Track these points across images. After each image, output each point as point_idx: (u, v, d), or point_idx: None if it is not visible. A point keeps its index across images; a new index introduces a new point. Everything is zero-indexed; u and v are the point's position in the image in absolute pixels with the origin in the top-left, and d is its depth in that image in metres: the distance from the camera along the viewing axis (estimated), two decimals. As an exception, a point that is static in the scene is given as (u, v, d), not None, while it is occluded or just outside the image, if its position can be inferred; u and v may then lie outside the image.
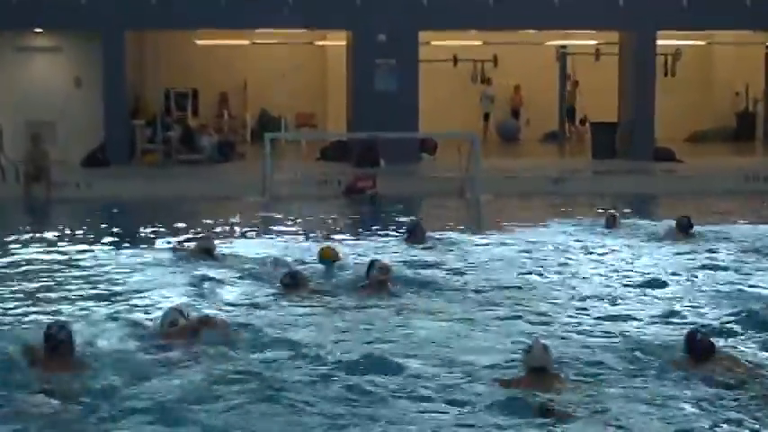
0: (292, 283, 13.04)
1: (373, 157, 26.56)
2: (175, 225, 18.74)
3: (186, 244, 16.10)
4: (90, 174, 25.50)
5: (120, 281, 13.88)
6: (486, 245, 16.90)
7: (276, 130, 30.46)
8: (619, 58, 30.36)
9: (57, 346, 9.55)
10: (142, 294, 12.96)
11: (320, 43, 34.89)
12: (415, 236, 16.85)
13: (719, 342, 10.10)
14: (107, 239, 17.30)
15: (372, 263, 13.28)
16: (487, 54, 34.88)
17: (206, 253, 15.10)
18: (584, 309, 12.34)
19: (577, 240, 17.08)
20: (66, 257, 15.61)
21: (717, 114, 36.03)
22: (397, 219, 19.30)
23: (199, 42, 33.61)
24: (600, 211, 19.72)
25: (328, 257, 14.36)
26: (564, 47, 34.53)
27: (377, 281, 12.93)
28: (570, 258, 15.61)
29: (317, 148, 29.91)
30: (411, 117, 27.64)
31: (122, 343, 10.57)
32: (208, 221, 19.44)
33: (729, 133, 35.83)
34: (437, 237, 17.21)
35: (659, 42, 29.55)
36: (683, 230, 17.13)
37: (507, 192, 23.87)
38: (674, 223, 17.38)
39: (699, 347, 9.64)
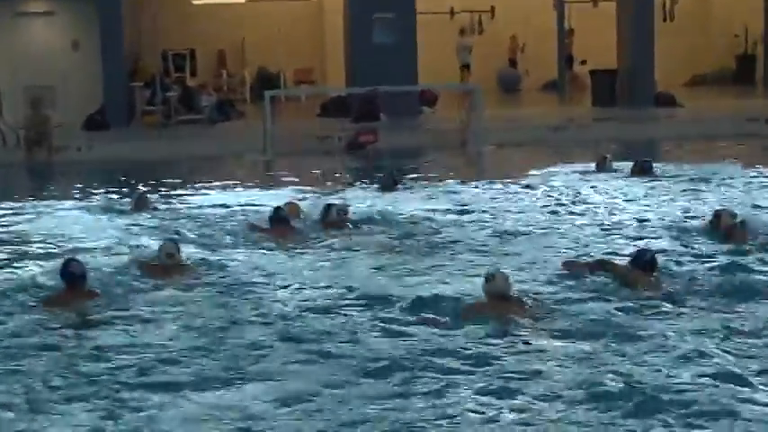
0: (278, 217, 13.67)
1: (374, 111, 26.51)
2: (176, 184, 18.85)
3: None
4: (90, 137, 25.50)
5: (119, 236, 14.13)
6: (463, 192, 17.24)
7: (275, 88, 30.43)
8: (616, 3, 30.24)
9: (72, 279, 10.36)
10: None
11: (317, -1, 34.84)
12: (383, 184, 17.41)
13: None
14: (108, 198, 17.42)
15: (330, 205, 14.16)
16: (485, 5, 34.80)
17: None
18: (560, 245, 12.81)
19: (565, 183, 17.54)
20: (69, 217, 15.83)
21: (716, 57, 35.93)
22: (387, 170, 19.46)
23: (195, 2, 33.51)
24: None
25: (292, 213, 14.41)
26: (561, -6, 34.37)
27: (334, 221, 13.75)
28: (553, 200, 16.08)
29: (317, 104, 29.89)
30: (410, 70, 27.56)
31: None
32: (208, 180, 19.48)
33: (729, 76, 35.75)
34: (415, 185, 17.75)
35: (657, -13, 29.47)
36: (640, 170, 17.92)
37: (508, 142, 23.84)
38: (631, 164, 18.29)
39: (642, 259, 10.57)
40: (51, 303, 10.27)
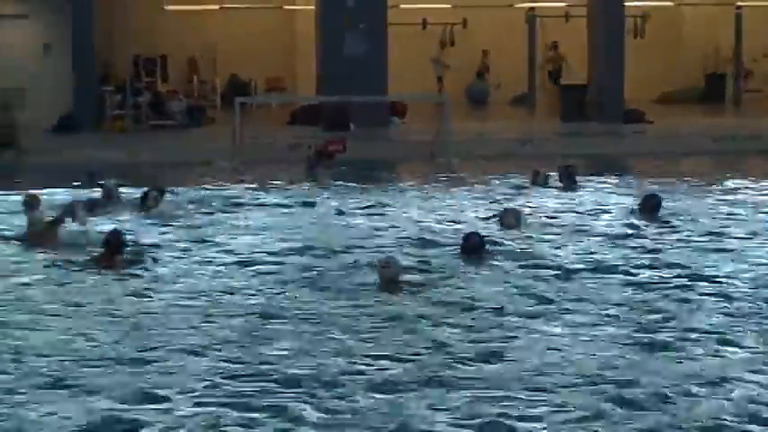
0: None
1: (343, 121, 26.55)
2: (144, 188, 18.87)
3: None
4: (59, 140, 25.45)
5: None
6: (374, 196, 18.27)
7: (246, 95, 30.46)
8: (587, 20, 30.39)
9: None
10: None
11: (289, 8, 34.83)
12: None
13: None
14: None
15: (147, 192, 16.31)
16: (457, 17, 34.96)
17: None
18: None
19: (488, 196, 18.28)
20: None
21: (686, 75, 36.10)
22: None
23: (167, 8, 33.52)
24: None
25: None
26: (533, 9, 34.54)
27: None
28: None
29: (287, 112, 29.91)
30: (380, 81, 27.61)
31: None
32: (175, 185, 19.47)
33: (698, 94, 35.92)
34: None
35: (628, 4, 29.62)
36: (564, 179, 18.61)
37: (477, 154, 23.87)
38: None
39: (468, 245, 12.47)
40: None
